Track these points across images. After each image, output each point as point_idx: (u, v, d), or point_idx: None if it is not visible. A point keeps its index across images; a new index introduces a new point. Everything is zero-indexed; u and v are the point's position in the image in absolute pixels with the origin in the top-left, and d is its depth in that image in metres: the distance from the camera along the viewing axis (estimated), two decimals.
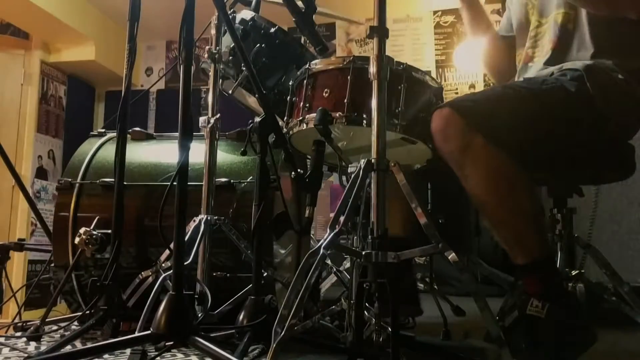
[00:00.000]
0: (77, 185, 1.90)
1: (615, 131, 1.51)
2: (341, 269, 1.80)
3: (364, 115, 1.42)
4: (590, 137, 1.48)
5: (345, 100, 1.43)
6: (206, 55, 1.72)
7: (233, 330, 1.42)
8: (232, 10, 1.85)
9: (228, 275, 1.67)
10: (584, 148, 1.51)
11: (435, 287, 1.95)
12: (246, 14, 1.83)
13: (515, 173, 1.33)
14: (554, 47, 1.58)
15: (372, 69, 1.27)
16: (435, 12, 4.80)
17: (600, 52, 1.49)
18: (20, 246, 2.32)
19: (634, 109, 1.50)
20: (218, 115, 1.70)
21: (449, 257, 1.25)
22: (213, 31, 1.75)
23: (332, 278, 1.93)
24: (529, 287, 1.33)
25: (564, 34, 1.56)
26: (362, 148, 1.60)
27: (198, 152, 1.60)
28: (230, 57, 1.77)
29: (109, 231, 1.63)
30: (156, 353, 1.30)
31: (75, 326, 1.69)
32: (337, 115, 1.42)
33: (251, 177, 1.76)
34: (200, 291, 1.53)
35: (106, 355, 1.37)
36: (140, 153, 1.97)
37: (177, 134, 1.29)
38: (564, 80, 1.45)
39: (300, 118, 1.51)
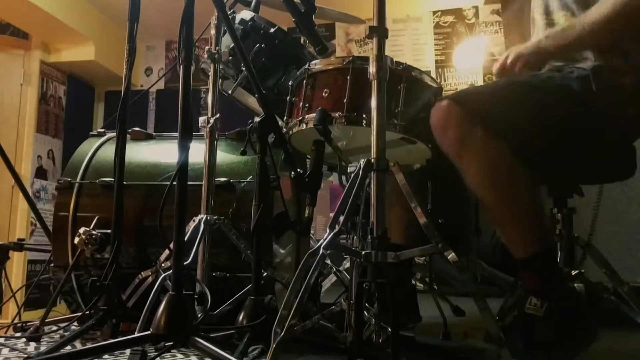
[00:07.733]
0: (77, 184, 1.90)
1: (616, 133, 1.50)
2: (341, 269, 1.79)
3: (364, 115, 1.42)
4: (591, 137, 1.47)
5: (345, 100, 1.43)
6: (206, 56, 1.73)
7: (233, 331, 1.42)
8: (231, 10, 1.86)
9: (228, 275, 1.67)
10: (584, 147, 1.50)
11: (435, 287, 1.95)
12: (246, 14, 1.84)
13: (513, 165, 1.31)
14: None
15: (372, 69, 1.27)
16: (435, 12, 4.80)
17: (608, 50, 1.46)
18: (19, 246, 2.32)
19: (637, 112, 1.49)
20: (218, 115, 1.70)
21: (449, 257, 1.24)
22: (213, 31, 1.75)
23: (332, 278, 1.92)
24: (528, 282, 1.31)
25: None
26: (362, 148, 1.60)
27: (198, 152, 1.60)
28: (230, 57, 1.77)
29: (109, 231, 1.63)
30: (156, 353, 1.29)
31: (75, 326, 1.68)
32: (337, 115, 1.42)
33: (251, 177, 1.76)
34: (200, 291, 1.53)
35: (106, 356, 1.37)
36: (140, 153, 1.97)
37: (176, 134, 1.29)
38: (570, 78, 1.44)
39: (300, 118, 1.51)
